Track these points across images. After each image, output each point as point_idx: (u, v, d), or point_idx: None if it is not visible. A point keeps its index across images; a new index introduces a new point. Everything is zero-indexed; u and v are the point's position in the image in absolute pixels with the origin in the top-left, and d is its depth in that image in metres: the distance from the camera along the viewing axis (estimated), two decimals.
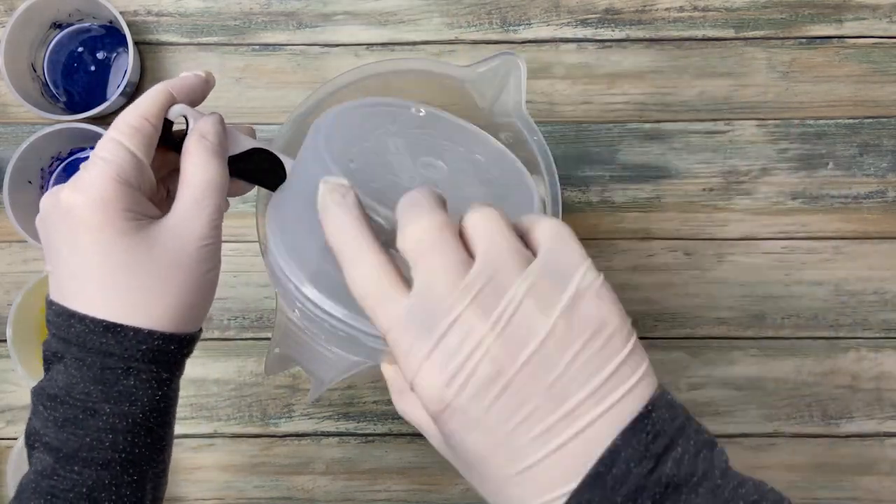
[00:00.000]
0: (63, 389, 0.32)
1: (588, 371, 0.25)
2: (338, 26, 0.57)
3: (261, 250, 0.44)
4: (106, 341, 0.32)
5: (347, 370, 0.42)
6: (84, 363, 0.32)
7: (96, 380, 0.32)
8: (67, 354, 0.32)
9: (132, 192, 0.32)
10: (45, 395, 0.32)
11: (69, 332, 0.32)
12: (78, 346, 0.32)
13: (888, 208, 0.57)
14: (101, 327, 0.31)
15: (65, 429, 0.31)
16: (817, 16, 0.57)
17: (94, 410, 0.32)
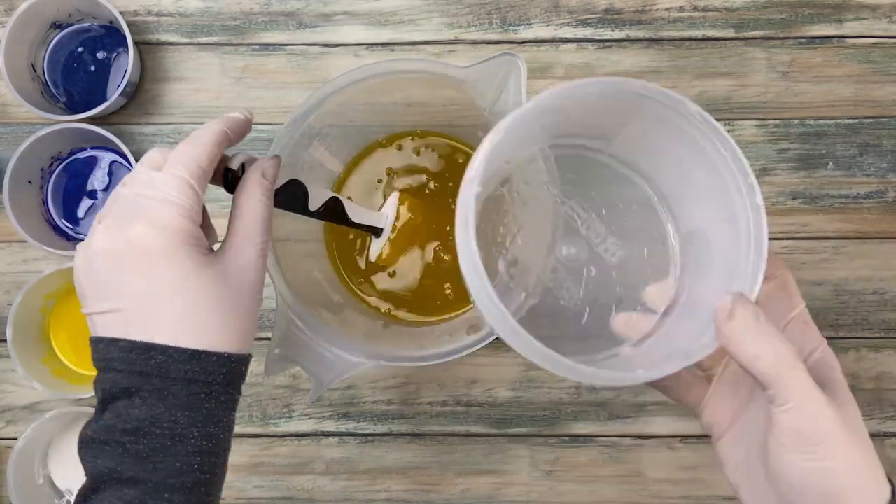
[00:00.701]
0: (145, 422, 0.32)
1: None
2: (338, 26, 0.57)
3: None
4: (190, 368, 0.33)
5: (347, 370, 0.42)
6: (168, 392, 0.33)
7: (182, 406, 0.33)
8: (145, 387, 0.33)
9: (197, 228, 0.35)
10: (121, 432, 0.32)
11: (148, 365, 0.33)
12: (160, 377, 0.33)
13: (888, 208, 0.57)
14: (185, 355, 0.33)
15: (151, 459, 0.32)
16: (817, 16, 0.57)
17: (182, 436, 0.33)
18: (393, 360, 0.43)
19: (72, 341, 0.57)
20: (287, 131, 0.44)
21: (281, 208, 0.41)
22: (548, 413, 0.57)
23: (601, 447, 0.57)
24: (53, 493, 0.56)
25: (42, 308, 0.56)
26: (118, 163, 0.57)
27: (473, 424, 0.57)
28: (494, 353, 0.57)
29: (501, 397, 0.57)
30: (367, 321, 0.52)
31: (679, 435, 0.57)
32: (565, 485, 0.57)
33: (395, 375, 0.57)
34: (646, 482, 0.57)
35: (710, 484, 0.57)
